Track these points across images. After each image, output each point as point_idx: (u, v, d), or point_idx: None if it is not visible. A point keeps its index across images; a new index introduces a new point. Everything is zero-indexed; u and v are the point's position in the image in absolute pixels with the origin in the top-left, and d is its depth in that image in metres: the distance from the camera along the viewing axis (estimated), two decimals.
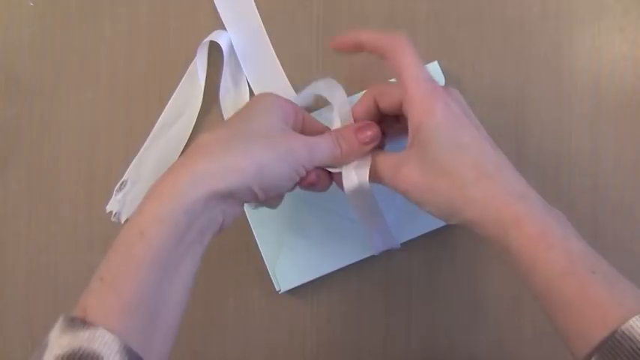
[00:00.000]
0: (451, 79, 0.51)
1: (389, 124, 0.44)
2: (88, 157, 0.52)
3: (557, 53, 0.51)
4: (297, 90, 0.51)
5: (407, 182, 0.39)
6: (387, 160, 0.41)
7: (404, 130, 0.41)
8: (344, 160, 0.42)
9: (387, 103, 0.42)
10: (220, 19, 0.52)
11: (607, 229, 0.50)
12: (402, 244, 0.48)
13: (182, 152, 0.51)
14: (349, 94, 0.46)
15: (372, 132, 0.42)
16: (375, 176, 0.42)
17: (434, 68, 0.49)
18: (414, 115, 0.39)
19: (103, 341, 0.32)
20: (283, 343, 0.51)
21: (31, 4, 0.53)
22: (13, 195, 0.52)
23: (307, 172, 0.41)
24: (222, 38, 0.51)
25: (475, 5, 0.51)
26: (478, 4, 0.51)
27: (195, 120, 0.51)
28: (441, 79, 0.49)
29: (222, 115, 0.51)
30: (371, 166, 0.41)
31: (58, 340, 0.32)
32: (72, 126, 0.52)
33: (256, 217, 0.49)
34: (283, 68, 0.52)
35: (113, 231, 0.51)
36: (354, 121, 0.43)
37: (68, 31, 0.53)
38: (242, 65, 0.52)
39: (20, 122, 0.53)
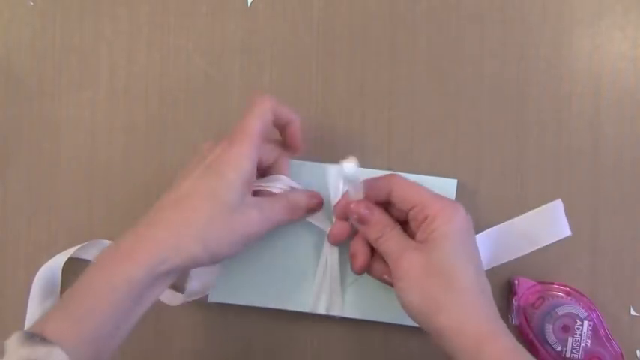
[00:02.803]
0: (451, 79, 0.51)
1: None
2: (88, 157, 0.52)
3: (557, 53, 0.51)
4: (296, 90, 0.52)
5: (405, 267, 0.42)
6: (399, 237, 0.43)
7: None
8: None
9: (401, 202, 0.44)
10: (220, 20, 0.52)
11: (607, 229, 0.50)
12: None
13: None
14: None
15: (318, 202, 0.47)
16: (383, 245, 0.44)
17: (450, 185, 0.49)
18: (435, 218, 0.42)
19: (59, 358, 0.35)
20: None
21: (31, 3, 0.53)
22: (13, 195, 0.52)
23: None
24: None
25: (475, 5, 0.51)
26: (478, 4, 0.51)
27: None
28: (452, 197, 0.49)
29: None
30: (385, 235, 0.44)
31: (17, 351, 0.35)
32: (72, 126, 0.52)
33: None
34: (282, 69, 0.52)
35: (113, 231, 0.52)
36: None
37: (68, 31, 0.53)
38: None
39: (20, 122, 0.53)
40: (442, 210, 0.42)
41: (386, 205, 0.45)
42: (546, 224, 0.50)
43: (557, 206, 0.49)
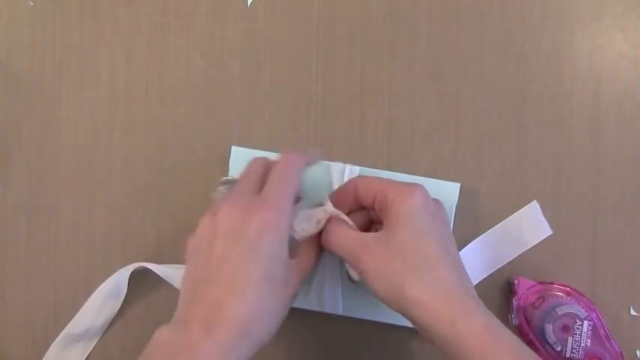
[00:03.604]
0: (451, 79, 0.51)
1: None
2: (88, 157, 0.52)
3: (557, 53, 0.51)
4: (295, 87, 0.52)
5: (365, 260, 0.40)
6: (352, 234, 0.42)
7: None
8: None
9: (365, 194, 0.43)
10: (220, 20, 0.52)
11: (607, 229, 0.50)
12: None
13: None
14: None
15: None
16: (337, 246, 0.43)
17: (453, 188, 0.49)
18: (394, 200, 0.41)
19: None
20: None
21: (31, 3, 0.53)
22: (13, 195, 0.52)
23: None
24: None
25: (475, 5, 0.51)
26: (478, 4, 0.51)
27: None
28: (454, 201, 0.49)
29: None
30: (335, 236, 0.43)
31: None
32: (72, 126, 0.52)
33: None
34: (282, 69, 0.52)
35: (113, 231, 0.52)
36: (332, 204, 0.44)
37: (68, 31, 0.53)
38: None
39: (20, 122, 0.53)
40: (399, 190, 0.41)
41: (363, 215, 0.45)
42: (527, 227, 0.50)
43: (534, 208, 0.50)
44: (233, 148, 0.50)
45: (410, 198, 0.40)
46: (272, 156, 0.49)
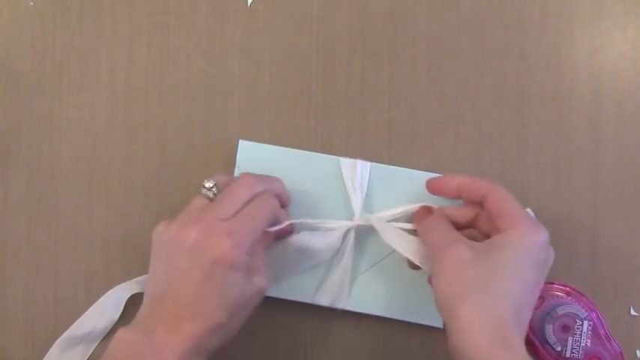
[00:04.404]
0: (452, 80, 0.51)
1: None
2: (88, 157, 0.52)
3: (557, 53, 0.51)
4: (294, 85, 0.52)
5: (447, 257, 0.40)
6: (449, 230, 0.43)
7: None
8: None
9: (493, 204, 0.42)
10: (220, 19, 0.52)
11: (607, 229, 0.50)
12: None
13: None
14: None
15: None
16: (430, 235, 0.43)
17: None
18: (513, 228, 0.40)
19: None
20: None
21: (31, 3, 0.53)
22: (13, 195, 0.52)
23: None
24: None
25: (475, 5, 0.51)
26: (478, 4, 0.51)
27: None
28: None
29: None
30: (432, 226, 0.43)
31: None
32: (72, 126, 0.52)
33: None
34: (282, 69, 0.52)
35: (113, 231, 0.52)
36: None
37: (68, 31, 0.53)
38: None
39: (20, 122, 0.53)
40: (524, 224, 0.40)
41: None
42: None
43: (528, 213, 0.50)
44: (240, 142, 0.50)
45: (530, 236, 0.39)
46: (279, 151, 0.49)
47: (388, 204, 0.48)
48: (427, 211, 0.46)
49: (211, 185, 0.44)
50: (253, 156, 0.49)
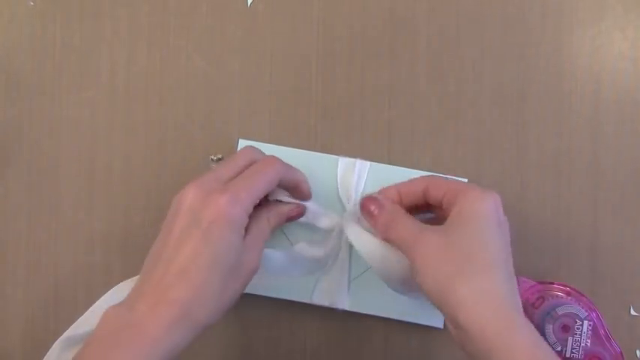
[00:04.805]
0: (451, 79, 0.51)
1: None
2: (88, 157, 0.52)
3: (557, 53, 0.51)
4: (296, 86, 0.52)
5: (421, 250, 0.40)
6: (412, 223, 0.42)
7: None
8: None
9: (436, 191, 0.43)
10: (220, 19, 0.52)
11: (607, 229, 0.50)
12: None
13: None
14: None
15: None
16: (394, 232, 0.42)
17: None
18: (464, 200, 0.40)
19: None
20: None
21: (31, 3, 0.53)
22: (13, 195, 0.52)
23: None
24: None
25: (475, 5, 0.51)
26: (478, 4, 0.51)
27: None
28: None
29: None
30: (395, 222, 0.42)
31: None
32: (72, 126, 0.52)
33: None
34: (282, 69, 0.52)
35: (113, 231, 0.52)
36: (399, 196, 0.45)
37: (68, 31, 0.53)
38: None
39: (20, 122, 0.53)
40: (471, 192, 0.41)
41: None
42: None
43: None
44: (240, 141, 0.50)
45: (482, 201, 0.40)
46: (277, 150, 0.49)
47: None
48: (374, 203, 0.44)
49: (218, 157, 0.44)
50: None
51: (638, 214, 0.50)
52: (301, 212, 0.47)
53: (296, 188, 0.46)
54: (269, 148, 0.50)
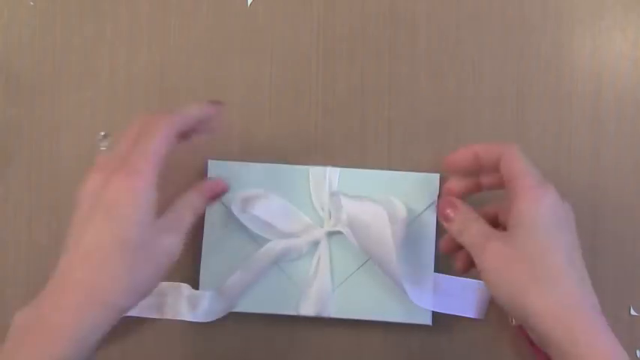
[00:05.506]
0: (451, 79, 0.51)
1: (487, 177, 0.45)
2: (88, 157, 0.52)
3: (557, 53, 0.51)
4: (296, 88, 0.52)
5: (489, 259, 0.40)
6: (480, 228, 0.42)
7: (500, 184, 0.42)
8: None
9: (489, 155, 0.42)
10: (220, 19, 0.52)
11: (607, 229, 0.50)
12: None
13: None
14: None
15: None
16: (466, 238, 0.42)
17: (432, 180, 0.49)
18: (521, 200, 0.39)
19: None
20: None
21: (31, 3, 0.53)
22: (13, 195, 0.52)
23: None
24: None
25: (475, 5, 0.51)
26: (478, 4, 0.51)
27: None
28: (434, 193, 0.49)
29: None
30: (466, 228, 0.43)
31: None
32: (72, 126, 0.52)
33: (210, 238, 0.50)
34: (282, 69, 0.52)
35: None
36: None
37: (68, 31, 0.53)
38: None
39: (20, 122, 0.53)
40: (529, 189, 0.39)
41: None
42: None
43: None
44: (209, 162, 0.50)
45: (539, 203, 0.39)
46: (248, 166, 0.50)
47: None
48: (450, 206, 0.44)
49: (103, 134, 0.41)
50: (224, 174, 0.49)
51: (638, 214, 0.50)
52: (222, 185, 0.46)
53: (201, 124, 0.43)
54: (239, 166, 0.50)
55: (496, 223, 0.45)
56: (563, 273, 0.38)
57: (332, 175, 0.49)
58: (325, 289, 0.48)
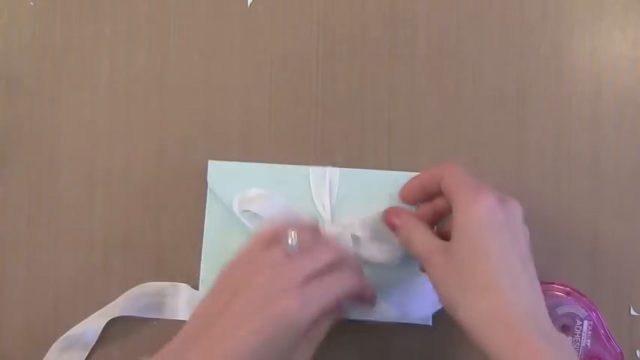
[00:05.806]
0: (451, 79, 0.51)
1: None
2: (88, 157, 0.52)
3: (557, 53, 0.51)
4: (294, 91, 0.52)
5: (430, 271, 0.40)
6: (426, 239, 0.42)
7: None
8: None
9: (445, 186, 0.42)
10: (220, 19, 0.52)
11: (607, 230, 0.50)
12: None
13: None
14: None
15: None
16: (413, 248, 0.42)
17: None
18: (456, 209, 0.39)
19: None
20: None
21: (31, 3, 0.53)
22: (13, 195, 0.52)
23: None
24: None
25: (475, 5, 0.51)
26: (478, 4, 0.51)
27: None
28: None
29: None
30: (412, 238, 0.43)
31: None
32: (72, 126, 0.52)
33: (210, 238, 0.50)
34: (282, 69, 0.52)
35: (113, 231, 0.52)
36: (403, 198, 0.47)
37: (68, 31, 0.53)
38: None
39: (20, 122, 0.53)
40: (463, 197, 0.39)
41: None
42: None
43: None
44: (210, 162, 0.50)
45: (469, 210, 0.38)
46: (248, 167, 0.50)
47: (360, 208, 0.48)
48: (395, 216, 0.45)
49: (295, 241, 0.40)
50: (224, 175, 0.49)
51: (638, 214, 0.50)
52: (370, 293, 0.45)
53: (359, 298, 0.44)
54: (239, 166, 0.50)
55: None
56: (492, 281, 0.37)
57: (332, 175, 0.49)
58: None
